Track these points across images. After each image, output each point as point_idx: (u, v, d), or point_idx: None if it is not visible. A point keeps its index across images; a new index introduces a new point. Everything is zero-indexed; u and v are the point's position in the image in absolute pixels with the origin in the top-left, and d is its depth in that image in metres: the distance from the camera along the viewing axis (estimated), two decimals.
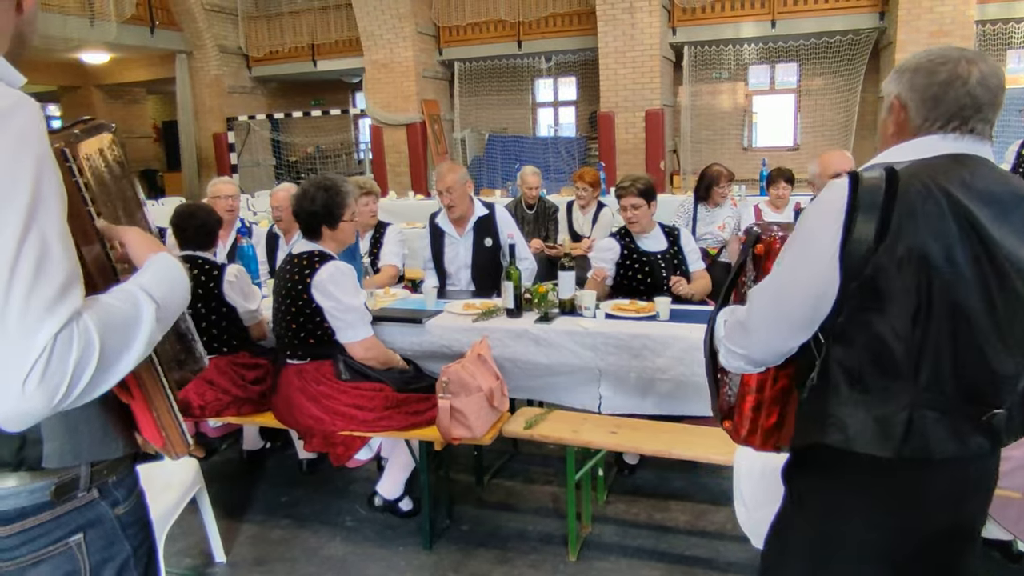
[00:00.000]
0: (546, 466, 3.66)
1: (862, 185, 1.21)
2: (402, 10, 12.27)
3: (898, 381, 1.22)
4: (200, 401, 3.14)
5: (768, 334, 1.32)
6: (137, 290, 1.02)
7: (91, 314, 0.92)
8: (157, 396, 1.16)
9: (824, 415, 1.28)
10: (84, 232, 1.07)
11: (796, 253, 1.28)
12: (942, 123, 1.27)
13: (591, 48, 11.80)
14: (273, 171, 15.11)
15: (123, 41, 12.26)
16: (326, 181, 2.99)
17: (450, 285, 4.07)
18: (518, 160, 10.58)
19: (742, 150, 13.17)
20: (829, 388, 1.28)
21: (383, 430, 2.90)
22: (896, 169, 1.22)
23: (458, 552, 2.97)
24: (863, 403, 1.24)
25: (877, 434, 1.23)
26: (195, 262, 3.24)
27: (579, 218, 5.64)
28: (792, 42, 11.46)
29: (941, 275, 1.17)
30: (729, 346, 1.37)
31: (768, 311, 1.31)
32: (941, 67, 1.26)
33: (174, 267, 1.12)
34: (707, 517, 3.15)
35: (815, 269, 1.23)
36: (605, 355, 3.05)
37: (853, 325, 1.24)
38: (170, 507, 2.57)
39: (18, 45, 1.09)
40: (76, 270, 0.93)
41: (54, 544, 1.10)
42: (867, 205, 1.19)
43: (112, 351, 0.94)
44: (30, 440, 1.06)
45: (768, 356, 1.35)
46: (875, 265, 1.18)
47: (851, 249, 1.19)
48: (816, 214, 1.26)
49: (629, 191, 3.60)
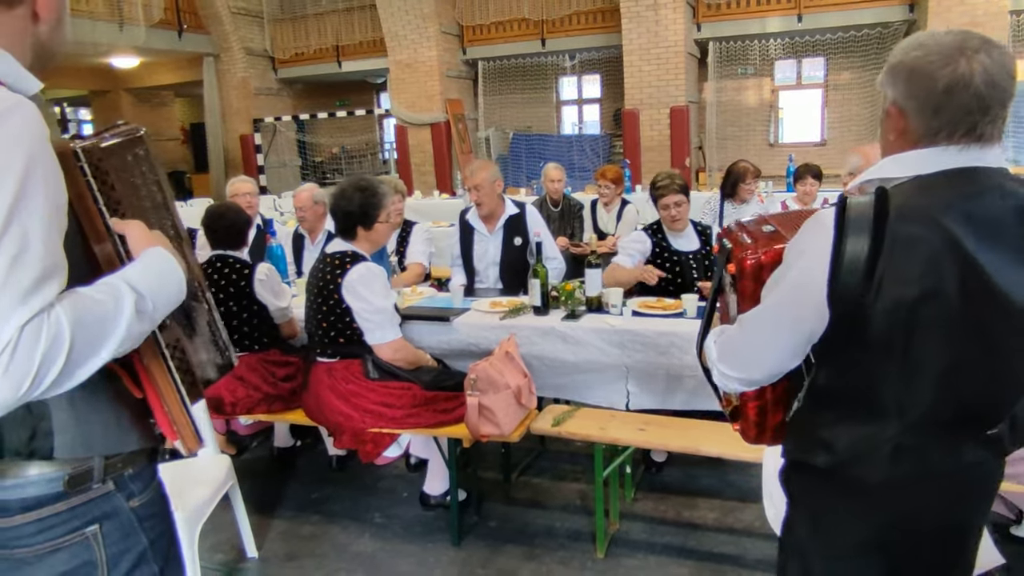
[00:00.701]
0: (574, 463, 3.67)
1: (848, 215, 1.11)
2: (426, 10, 12.32)
3: (884, 415, 1.18)
4: (231, 398, 3.18)
5: (760, 360, 1.28)
6: (119, 281, 1.04)
7: (64, 306, 0.95)
8: (168, 391, 1.19)
9: (811, 436, 1.26)
10: (95, 230, 1.11)
11: (785, 285, 1.22)
12: (948, 132, 1.15)
13: (615, 45, 11.75)
14: (299, 172, 15.25)
15: (151, 45, 12.45)
16: (363, 182, 3.01)
17: (478, 283, 4.08)
18: (542, 159, 10.59)
19: (768, 146, 13.05)
20: (816, 410, 1.26)
21: (412, 427, 2.92)
22: (888, 191, 1.12)
23: (486, 548, 2.98)
24: (849, 429, 1.21)
25: (863, 460, 1.20)
26: (226, 261, 3.29)
27: (603, 216, 5.63)
28: (819, 36, 11.31)
29: (931, 315, 1.10)
30: (723, 369, 1.33)
31: (759, 339, 1.27)
32: (941, 70, 1.12)
33: (166, 260, 1.14)
34: (735, 514, 3.13)
35: (804, 304, 1.17)
36: (632, 352, 3.05)
37: (841, 358, 1.20)
38: (203, 503, 2.61)
39: (43, 54, 1.12)
40: (56, 265, 0.96)
41: (70, 534, 1.13)
42: (854, 244, 1.10)
43: (86, 342, 0.96)
44: (41, 431, 1.10)
45: (763, 378, 1.31)
46: (864, 303, 1.11)
47: (839, 286, 1.12)
48: (803, 255, 1.19)
49: (671, 189, 3.52)
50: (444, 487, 3.22)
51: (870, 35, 11.05)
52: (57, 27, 1.13)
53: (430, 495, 3.27)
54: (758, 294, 1.31)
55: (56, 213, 0.98)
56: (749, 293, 1.34)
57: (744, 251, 1.35)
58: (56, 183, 0.99)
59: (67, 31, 1.17)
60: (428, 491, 3.27)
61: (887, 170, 1.20)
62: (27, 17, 1.08)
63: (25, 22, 1.08)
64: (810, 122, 13.04)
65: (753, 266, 1.33)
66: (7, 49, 1.04)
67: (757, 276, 1.33)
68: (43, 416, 1.10)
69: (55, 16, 1.12)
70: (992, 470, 1.28)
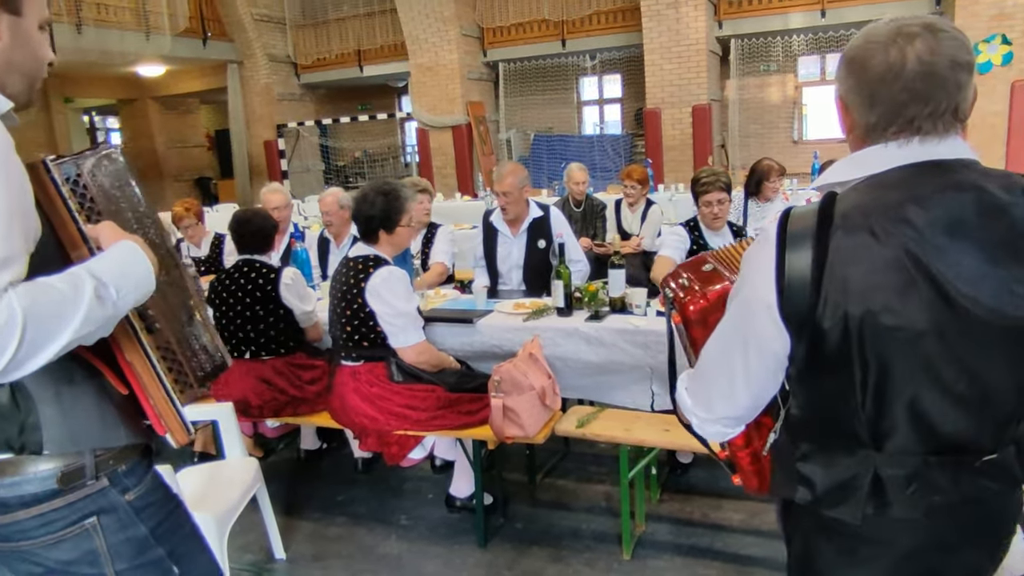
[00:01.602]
0: (599, 464, 3.66)
1: (789, 228, 1.04)
2: (446, 13, 12.37)
3: (857, 442, 1.07)
4: (258, 401, 3.22)
5: (733, 393, 1.16)
6: (80, 270, 1.09)
7: (18, 292, 0.99)
8: (152, 384, 1.23)
9: (790, 471, 1.16)
10: (71, 239, 1.16)
11: (736, 305, 1.13)
12: (883, 125, 1.06)
13: (636, 45, 11.71)
14: (322, 176, 15.38)
15: (177, 53, 12.65)
16: (386, 186, 3.03)
17: (501, 285, 4.09)
18: (564, 159, 10.56)
19: (792, 143, 12.92)
20: (793, 442, 1.16)
21: (436, 429, 2.93)
22: (836, 196, 1.04)
23: (512, 550, 2.98)
24: (826, 462, 1.11)
25: (841, 498, 1.10)
26: (253, 265, 3.33)
27: (628, 216, 5.61)
28: (843, 31, 11.17)
29: (890, 331, 1.00)
30: (700, 414, 1.23)
31: (725, 369, 1.15)
32: (872, 58, 1.05)
33: (131, 250, 1.17)
34: (762, 516, 3.10)
35: (759, 321, 1.08)
36: (657, 353, 3.03)
37: (804, 384, 1.11)
38: (232, 505, 2.64)
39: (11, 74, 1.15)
40: (9, 258, 1.00)
41: (71, 526, 1.19)
42: (795, 257, 1.02)
43: (41, 324, 1.00)
44: (29, 425, 1.15)
45: (744, 414, 1.20)
46: (815, 322, 1.02)
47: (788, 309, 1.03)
48: (750, 274, 1.10)
49: (715, 185, 3.46)
50: (470, 489, 3.22)
51: None
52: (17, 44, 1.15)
53: (456, 497, 3.28)
54: None
55: (17, 214, 1.02)
56: (700, 339, 1.25)
57: (686, 296, 1.28)
58: (18, 188, 1.04)
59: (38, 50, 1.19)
60: (454, 493, 3.28)
61: (840, 172, 1.12)
62: None
63: None
64: (835, 118, 12.83)
65: (697, 311, 1.26)
66: None
67: (704, 321, 1.26)
68: (30, 411, 1.15)
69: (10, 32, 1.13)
70: (1004, 504, 1.14)
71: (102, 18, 11.37)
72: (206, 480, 2.79)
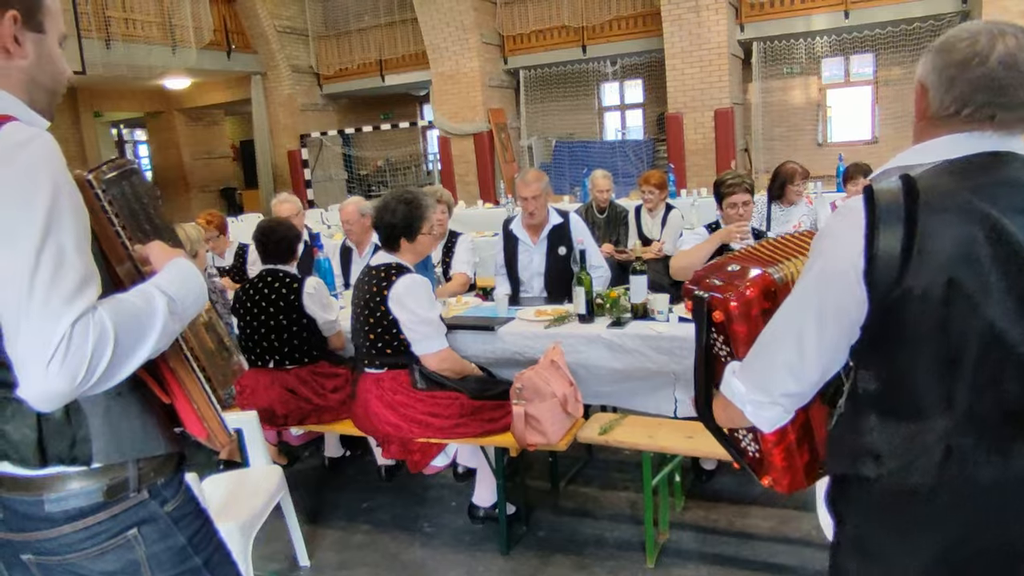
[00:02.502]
0: (622, 472, 3.63)
1: (878, 204, 1.08)
2: (466, 22, 12.42)
3: (932, 412, 1.10)
4: (284, 410, 3.24)
5: (804, 366, 1.18)
6: (151, 287, 1.16)
7: (106, 308, 1.06)
8: (195, 390, 1.28)
9: (855, 445, 1.17)
10: (116, 253, 1.22)
11: (813, 276, 1.16)
12: (956, 108, 1.11)
13: (657, 49, 11.67)
14: (345, 185, 15.50)
15: (202, 66, 12.83)
16: (407, 195, 3.05)
17: (523, 292, 4.09)
18: (586, 165, 10.55)
19: (817, 146, 12.77)
20: (858, 416, 1.17)
21: (459, 437, 2.93)
22: (913, 178, 1.09)
23: (535, 558, 2.97)
24: (896, 433, 1.13)
25: (912, 466, 1.12)
26: (276, 275, 3.36)
27: (648, 221, 5.58)
28: (867, 32, 11.05)
29: (972, 301, 1.05)
30: (759, 398, 1.22)
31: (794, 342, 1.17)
32: (960, 43, 1.10)
33: (187, 267, 1.25)
34: (791, 524, 3.06)
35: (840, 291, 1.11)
36: (680, 359, 3.00)
37: (879, 354, 1.13)
38: (257, 512, 2.66)
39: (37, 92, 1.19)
40: (91, 272, 1.07)
41: (114, 538, 1.24)
42: (887, 226, 1.06)
43: (128, 339, 1.07)
44: (80, 438, 1.19)
45: (808, 389, 1.21)
46: (902, 291, 1.06)
47: (877, 276, 1.07)
48: (834, 241, 1.14)
49: (740, 187, 3.44)
50: (492, 498, 3.21)
51: (921, 28, 10.74)
52: (41, 62, 1.19)
53: (479, 507, 3.26)
54: (753, 332, 1.23)
55: (83, 230, 1.08)
56: (743, 335, 1.25)
57: (724, 294, 1.27)
58: (79, 203, 1.09)
59: (59, 66, 1.23)
60: (477, 502, 3.27)
61: (907, 159, 1.17)
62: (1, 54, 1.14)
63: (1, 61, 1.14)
64: (860, 120, 12.73)
65: (740, 306, 1.25)
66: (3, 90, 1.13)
67: (747, 315, 1.26)
68: (80, 425, 1.19)
69: (34, 50, 1.17)
70: None
71: (130, 33, 11.58)
72: (231, 488, 2.81)
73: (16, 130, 1.05)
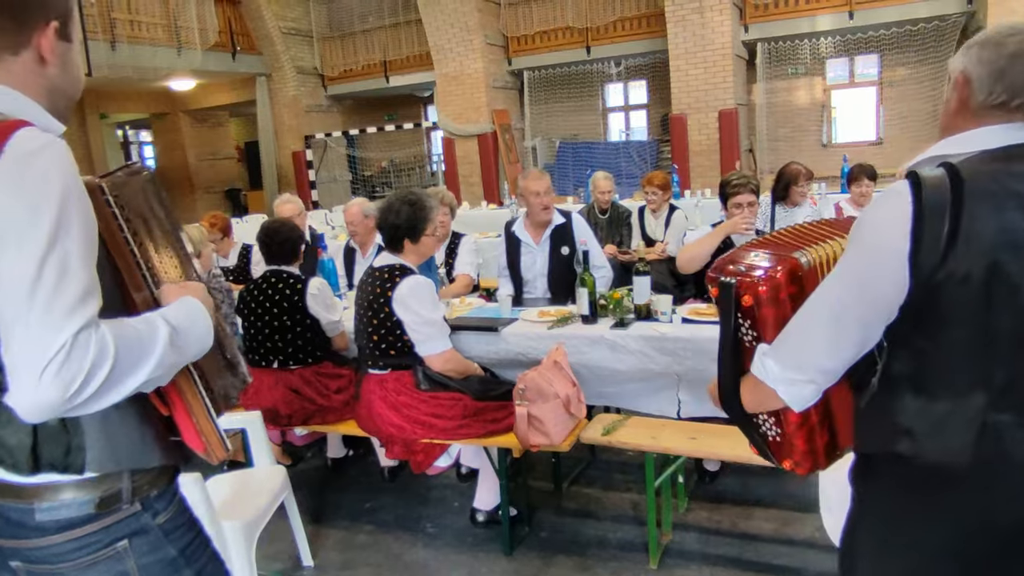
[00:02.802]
0: (625, 473, 3.63)
1: (925, 187, 1.12)
2: (471, 23, 12.44)
3: (969, 390, 1.14)
4: (287, 410, 3.25)
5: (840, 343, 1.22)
6: (157, 317, 1.15)
7: (110, 327, 1.05)
8: (196, 404, 1.27)
9: (889, 423, 1.20)
10: (127, 265, 1.21)
11: (860, 263, 1.19)
12: (1006, 97, 1.16)
13: (661, 50, 11.67)
14: (349, 186, 15.53)
15: (207, 67, 12.88)
16: (411, 196, 3.06)
17: (526, 293, 4.09)
18: (589, 166, 10.55)
19: (821, 147, 12.76)
20: (895, 395, 1.20)
21: (462, 438, 2.94)
22: (956, 166, 1.13)
23: (538, 559, 2.97)
24: (931, 412, 1.16)
25: (947, 444, 1.15)
26: (280, 276, 3.37)
27: (651, 222, 5.58)
28: (872, 33, 11.03)
29: (1013, 283, 1.09)
30: (792, 376, 1.25)
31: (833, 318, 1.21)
32: (1010, 38, 1.16)
33: (196, 307, 1.24)
34: (794, 525, 3.06)
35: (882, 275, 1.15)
36: (683, 360, 3.01)
37: (919, 333, 1.17)
38: (260, 512, 2.67)
39: (57, 97, 1.20)
40: (93, 284, 1.06)
41: (104, 549, 1.22)
42: (934, 209, 1.11)
43: (126, 362, 1.05)
44: (75, 447, 1.18)
45: (841, 366, 1.25)
46: (945, 273, 1.10)
47: (922, 258, 1.11)
48: (879, 223, 1.18)
49: (746, 187, 3.46)
50: (494, 502, 3.21)
51: (926, 29, 10.73)
52: (65, 69, 1.20)
53: (480, 510, 3.24)
54: (782, 316, 1.26)
55: (90, 240, 1.08)
56: (772, 319, 1.28)
57: (751, 279, 1.29)
58: (88, 213, 1.08)
59: (78, 73, 1.24)
60: (478, 505, 3.25)
61: (944, 148, 1.21)
62: (34, 61, 1.15)
63: (33, 66, 1.15)
64: (865, 121, 12.71)
65: (769, 290, 1.27)
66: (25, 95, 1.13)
67: (776, 299, 1.28)
68: (76, 432, 1.18)
69: (60, 59, 1.18)
70: None
71: (135, 35, 11.63)
72: (235, 488, 2.82)
73: (31, 136, 1.05)
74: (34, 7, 1.13)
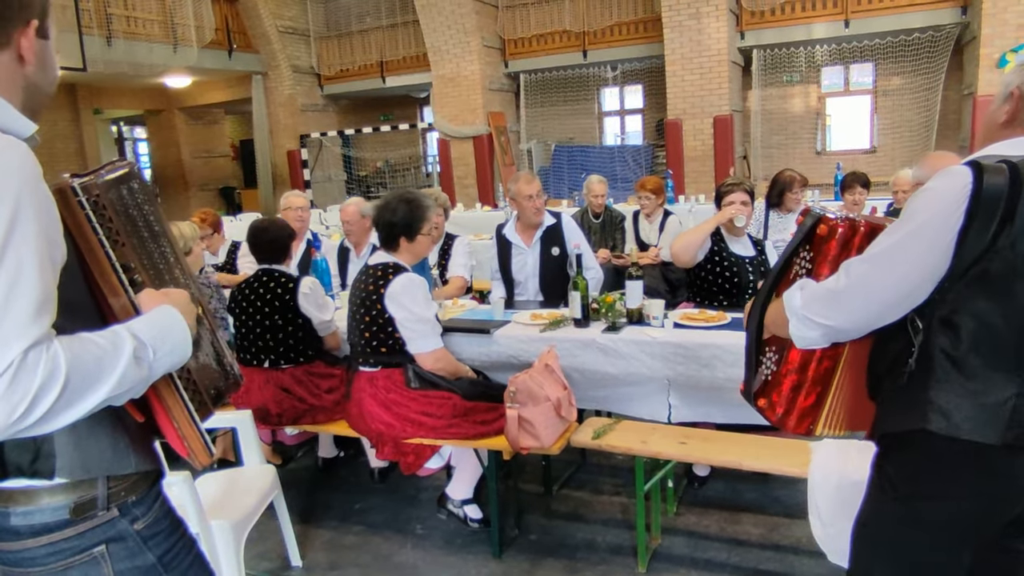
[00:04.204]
0: (615, 476, 3.64)
1: (987, 176, 1.19)
2: (468, 25, 12.45)
3: (1005, 369, 1.21)
4: (278, 409, 3.25)
5: (864, 306, 1.29)
6: (122, 329, 1.09)
7: (63, 344, 0.98)
8: (176, 407, 1.23)
9: (925, 401, 1.26)
10: (99, 267, 1.16)
11: (908, 233, 1.26)
12: None
13: (657, 55, 11.70)
14: (344, 186, 15.51)
15: (203, 65, 12.85)
16: (409, 195, 3.07)
17: (518, 295, 4.10)
18: (584, 170, 10.59)
19: (815, 154, 12.80)
20: (930, 374, 1.26)
21: (452, 438, 2.94)
22: (1016, 163, 1.20)
23: (527, 561, 2.97)
24: (967, 390, 1.23)
25: (982, 421, 1.21)
26: (272, 275, 3.36)
27: (645, 227, 5.59)
28: (867, 41, 11.08)
29: None
30: (809, 316, 1.34)
31: (869, 284, 1.28)
32: None
33: (173, 317, 1.18)
34: (781, 531, 3.07)
35: (927, 252, 1.22)
36: (674, 365, 3.02)
37: (961, 313, 1.23)
38: (250, 511, 2.66)
39: (34, 95, 1.17)
40: (49, 295, 1.00)
41: (80, 554, 1.20)
42: (991, 197, 1.18)
43: (79, 383, 0.99)
44: (43, 453, 1.15)
45: (856, 327, 1.33)
46: (992, 256, 1.18)
47: (969, 240, 1.19)
48: (935, 200, 1.24)
49: (739, 187, 3.53)
50: (466, 494, 3.18)
51: (921, 39, 10.79)
52: (43, 68, 1.18)
53: (450, 497, 3.19)
54: (839, 260, 1.34)
55: (49, 247, 1.02)
56: (832, 256, 1.36)
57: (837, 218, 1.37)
58: (49, 217, 1.03)
59: (54, 72, 1.22)
60: (450, 494, 3.19)
61: (1002, 149, 1.28)
62: (13, 61, 1.12)
63: (12, 65, 1.12)
64: (859, 129, 12.77)
65: (847, 230, 1.36)
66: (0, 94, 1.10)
67: (847, 242, 1.36)
68: (45, 439, 1.14)
69: (40, 58, 1.16)
70: None
71: (131, 31, 11.60)
72: (224, 487, 2.82)
73: None
74: (15, 7, 1.11)
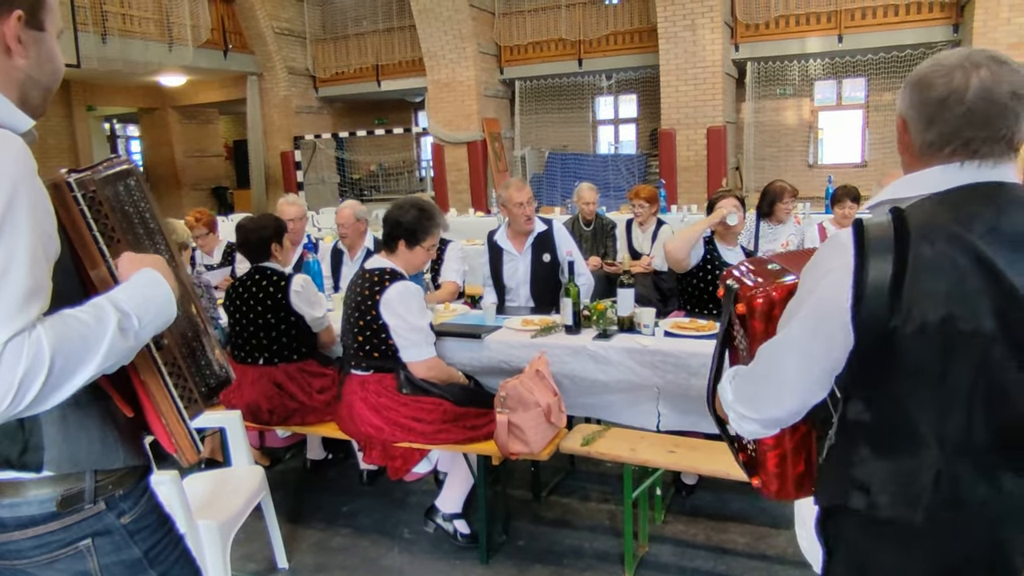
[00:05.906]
0: (603, 484, 3.65)
1: (868, 235, 1.08)
2: (464, 31, 12.49)
3: (922, 443, 1.11)
4: (269, 406, 3.24)
5: (780, 395, 1.20)
6: (104, 301, 1.08)
7: (46, 327, 0.99)
8: (164, 404, 1.23)
9: (845, 477, 1.18)
10: (90, 256, 1.16)
11: (804, 313, 1.16)
12: (939, 146, 1.13)
13: (652, 65, 11.78)
14: (337, 188, 15.51)
15: (198, 64, 12.83)
16: (424, 204, 3.10)
17: (509, 301, 4.11)
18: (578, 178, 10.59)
19: (807, 167, 12.92)
20: (849, 448, 1.18)
21: (441, 443, 2.94)
22: (903, 212, 1.09)
23: (514, 567, 2.98)
24: (885, 465, 1.13)
25: (902, 498, 1.12)
26: (264, 273, 3.37)
27: (638, 235, 5.61)
28: (860, 57, 11.20)
29: (964, 336, 1.05)
30: (741, 411, 1.25)
31: (780, 370, 1.19)
32: (937, 79, 1.11)
33: (153, 280, 1.17)
34: (767, 540, 3.08)
35: (828, 327, 1.12)
36: (664, 373, 3.03)
37: (870, 387, 1.14)
38: (237, 512, 2.66)
39: (32, 89, 1.16)
40: (39, 287, 1.00)
41: (65, 547, 1.20)
42: (877, 257, 1.07)
43: (67, 363, 1.00)
44: (32, 446, 1.15)
45: (785, 416, 1.23)
46: (892, 328, 1.07)
47: (864, 310, 1.08)
48: (820, 279, 1.14)
49: (730, 193, 3.65)
50: (455, 508, 3.15)
51: (913, 55, 10.90)
52: (39, 59, 1.16)
53: (439, 510, 3.15)
54: (770, 332, 1.25)
55: (42, 239, 1.03)
56: (760, 333, 1.28)
57: (752, 289, 1.29)
58: (43, 212, 1.04)
59: (56, 63, 1.21)
60: (440, 506, 3.16)
61: (896, 191, 1.18)
62: (1, 52, 1.11)
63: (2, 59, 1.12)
64: (851, 143, 12.89)
65: (763, 304, 1.27)
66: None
67: (768, 315, 1.28)
68: (33, 432, 1.15)
69: (32, 49, 1.15)
70: None
71: (127, 28, 11.57)
72: (212, 487, 2.81)
73: None
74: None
